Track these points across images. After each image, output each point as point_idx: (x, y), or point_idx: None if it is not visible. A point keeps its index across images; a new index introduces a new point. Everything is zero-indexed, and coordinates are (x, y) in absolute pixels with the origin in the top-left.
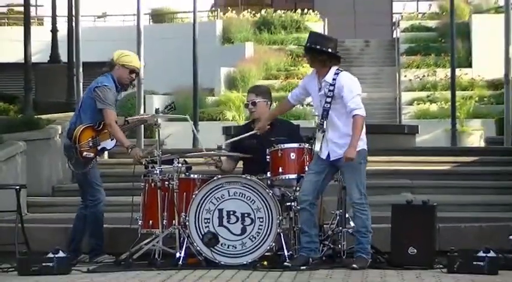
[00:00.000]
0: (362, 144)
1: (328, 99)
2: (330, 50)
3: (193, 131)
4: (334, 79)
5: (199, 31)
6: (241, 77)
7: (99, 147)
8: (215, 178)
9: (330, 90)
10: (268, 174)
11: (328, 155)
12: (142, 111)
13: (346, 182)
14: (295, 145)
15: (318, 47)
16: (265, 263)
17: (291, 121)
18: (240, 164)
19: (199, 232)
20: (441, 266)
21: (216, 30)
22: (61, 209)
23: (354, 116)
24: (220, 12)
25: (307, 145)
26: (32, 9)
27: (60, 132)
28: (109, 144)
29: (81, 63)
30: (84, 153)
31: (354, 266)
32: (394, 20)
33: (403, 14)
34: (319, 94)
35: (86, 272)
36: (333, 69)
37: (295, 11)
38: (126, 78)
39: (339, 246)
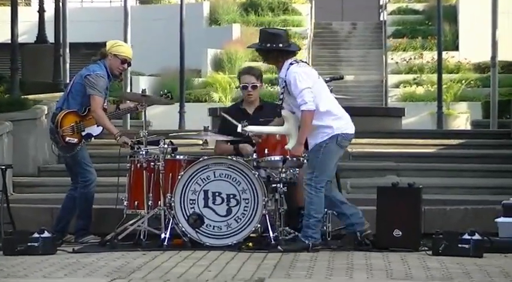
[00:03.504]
0: (324, 135)
1: (281, 96)
2: (280, 45)
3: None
4: (286, 75)
5: (186, 12)
6: (228, 59)
7: (83, 133)
8: (201, 159)
9: (283, 87)
10: (254, 155)
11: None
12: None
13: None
14: None
15: (269, 45)
16: (250, 244)
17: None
18: None
19: (184, 213)
20: (426, 248)
21: (203, 12)
22: (47, 189)
23: (301, 112)
24: None
25: None
26: None
27: (46, 112)
28: (95, 130)
29: (68, 43)
30: (67, 138)
31: (279, 247)
32: (381, 2)
33: None
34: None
35: (71, 252)
36: (286, 64)
37: None
38: (117, 68)
39: (324, 227)
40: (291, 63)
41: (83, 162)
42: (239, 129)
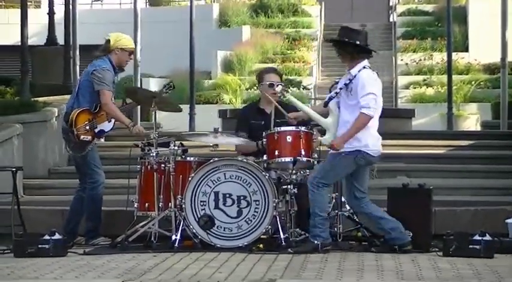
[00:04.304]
0: (349, 145)
1: (338, 90)
2: (358, 43)
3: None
4: (356, 74)
5: (196, 14)
6: (238, 60)
7: (96, 130)
8: (211, 161)
9: (349, 80)
10: (265, 157)
11: None
12: None
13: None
14: (292, 128)
15: (346, 39)
16: (261, 245)
17: None
18: None
19: (195, 215)
20: (437, 249)
21: (213, 14)
22: (57, 191)
23: (360, 113)
24: None
25: (303, 128)
26: None
27: (56, 114)
28: (107, 126)
29: (78, 45)
30: (82, 136)
31: (289, 250)
32: (391, 4)
33: None
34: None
35: (82, 254)
36: (361, 64)
37: None
38: (125, 61)
39: (335, 229)
40: (365, 67)
41: (92, 163)
42: (278, 89)
